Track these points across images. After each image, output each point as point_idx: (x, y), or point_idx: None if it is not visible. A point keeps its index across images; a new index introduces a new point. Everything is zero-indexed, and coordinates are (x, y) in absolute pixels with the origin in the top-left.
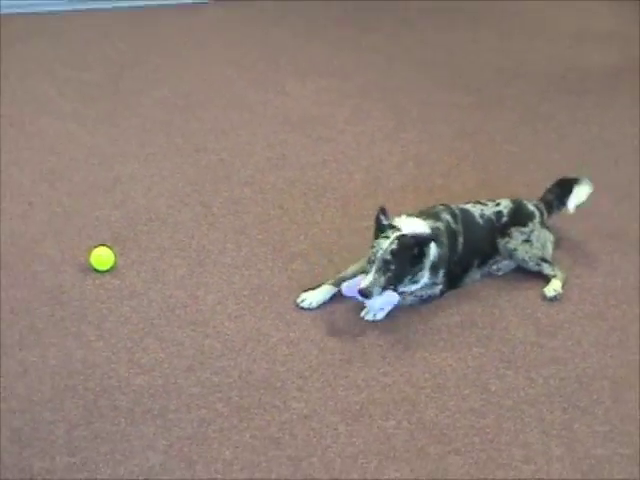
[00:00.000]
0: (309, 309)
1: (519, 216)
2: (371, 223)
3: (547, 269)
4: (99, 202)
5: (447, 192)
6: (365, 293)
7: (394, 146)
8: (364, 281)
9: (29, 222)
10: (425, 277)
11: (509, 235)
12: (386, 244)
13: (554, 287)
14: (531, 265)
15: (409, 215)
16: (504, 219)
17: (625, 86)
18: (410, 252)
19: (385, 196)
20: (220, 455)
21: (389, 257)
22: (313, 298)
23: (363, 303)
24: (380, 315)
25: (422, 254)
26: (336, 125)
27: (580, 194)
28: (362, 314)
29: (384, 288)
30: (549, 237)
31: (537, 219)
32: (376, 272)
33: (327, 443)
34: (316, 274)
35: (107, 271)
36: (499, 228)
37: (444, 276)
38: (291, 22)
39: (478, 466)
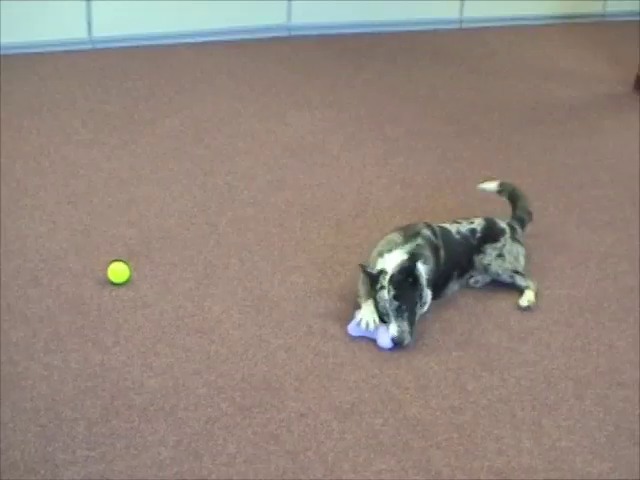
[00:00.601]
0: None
1: (491, 233)
2: (361, 240)
3: (520, 281)
4: (116, 221)
5: (430, 212)
6: (399, 341)
7: (383, 170)
8: (391, 330)
9: (53, 240)
10: (429, 294)
11: (483, 252)
12: (386, 294)
13: (528, 298)
14: (504, 277)
15: (390, 233)
16: (478, 235)
17: (586, 118)
18: (406, 284)
19: (374, 216)
20: (225, 449)
21: (396, 303)
22: (369, 317)
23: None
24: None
25: (415, 278)
26: (331, 152)
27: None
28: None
29: (411, 326)
30: (521, 251)
31: (508, 234)
32: (396, 320)
33: (321, 439)
34: (311, 286)
35: (123, 284)
36: (474, 245)
37: (427, 287)
38: (292, 60)
39: (457, 458)
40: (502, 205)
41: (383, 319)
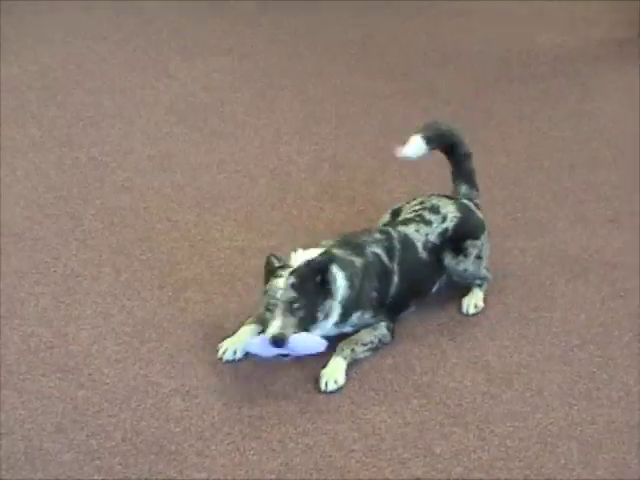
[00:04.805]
0: (234, 361)
1: (470, 226)
2: (280, 241)
3: (479, 281)
4: None
5: (371, 202)
6: (277, 340)
7: (305, 144)
8: (271, 328)
9: None
10: (336, 312)
11: (464, 252)
12: (282, 282)
13: (476, 300)
14: (471, 282)
15: (319, 245)
16: (449, 234)
17: (577, 73)
18: (312, 282)
19: (296, 207)
20: None
21: (292, 294)
22: (237, 345)
23: (280, 358)
24: (336, 383)
25: (326, 280)
26: (233, 117)
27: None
28: (322, 387)
29: (297, 331)
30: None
31: (486, 228)
32: (282, 314)
33: None
34: (215, 305)
35: None
36: (446, 245)
37: (381, 311)
38: None
39: None
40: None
41: (265, 322)
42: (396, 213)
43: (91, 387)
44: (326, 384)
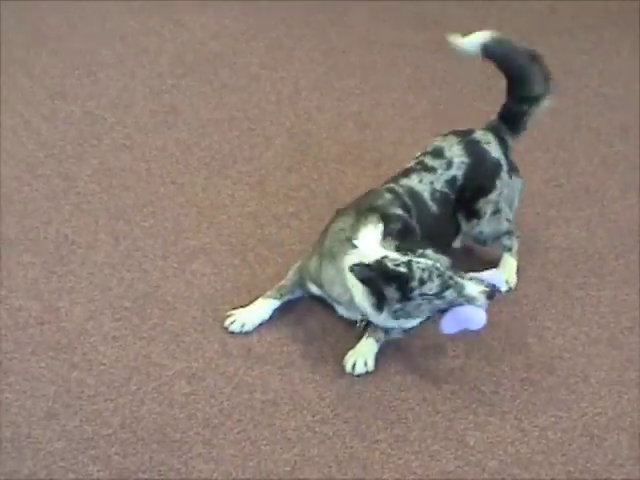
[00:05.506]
0: (242, 333)
1: (482, 176)
2: (298, 207)
3: (506, 240)
4: None
5: (399, 165)
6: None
7: (326, 100)
8: (474, 287)
9: None
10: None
11: (477, 215)
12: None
13: (508, 275)
14: (490, 242)
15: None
16: (459, 183)
17: (635, 22)
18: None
19: (316, 170)
20: None
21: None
22: (247, 318)
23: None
24: (366, 365)
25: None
26: (247, 68)
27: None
28: (348, 368)
29: None
30: (517, 185)
31: (504, 169)
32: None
33: None
34: (225, 278)
35: None
36: (458, 201)
37: None
38: None
39: None
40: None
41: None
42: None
43: (86, 368)
44: (354, 366)
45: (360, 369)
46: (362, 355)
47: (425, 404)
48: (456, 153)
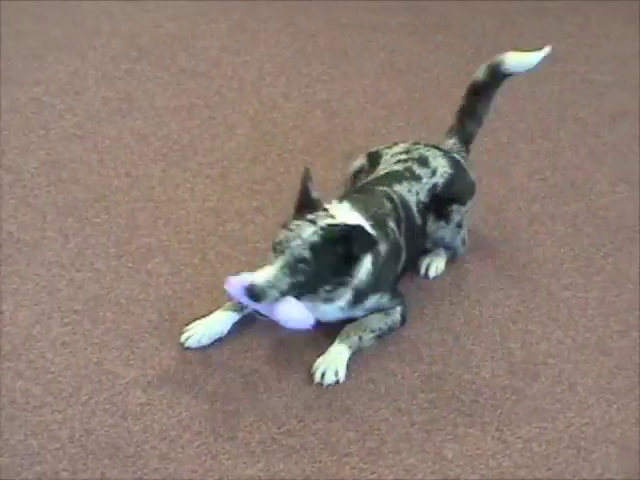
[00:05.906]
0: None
1: (461, 188)
2: (263, 202)
3: (461, 248)
4: None
5: None
6: (255, 293)
7: (293, 86)
8: (259, 275)
9: None
10: (345, 299)
11: (446, 218)
12: (308, 232)
13: (438, 263)
14: (439, 248)
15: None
16: (438, 189)
17: (626, 4)
18: (336, 252)
19: (282, 162)
20: None
21: (307, 253)
22: (204, 331)
23: (255, 313)
24: (336, 375)
25: (351, 259)
26: (207, 52)
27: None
28: (317, 378)
29: (284, 293)
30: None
31: (475, 193)
32: (282, 267)
33: None
34: (184, 279)
35: None
36: (432, 202)
37: (397, 293)
38: None
39: None
40: (488, 151)
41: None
42: (374, 158)
43: (32, 377)
44: (323, 375)
45: (330, 379)
46: (332, 364)
47: (399, 414)
48: (441, 163)
